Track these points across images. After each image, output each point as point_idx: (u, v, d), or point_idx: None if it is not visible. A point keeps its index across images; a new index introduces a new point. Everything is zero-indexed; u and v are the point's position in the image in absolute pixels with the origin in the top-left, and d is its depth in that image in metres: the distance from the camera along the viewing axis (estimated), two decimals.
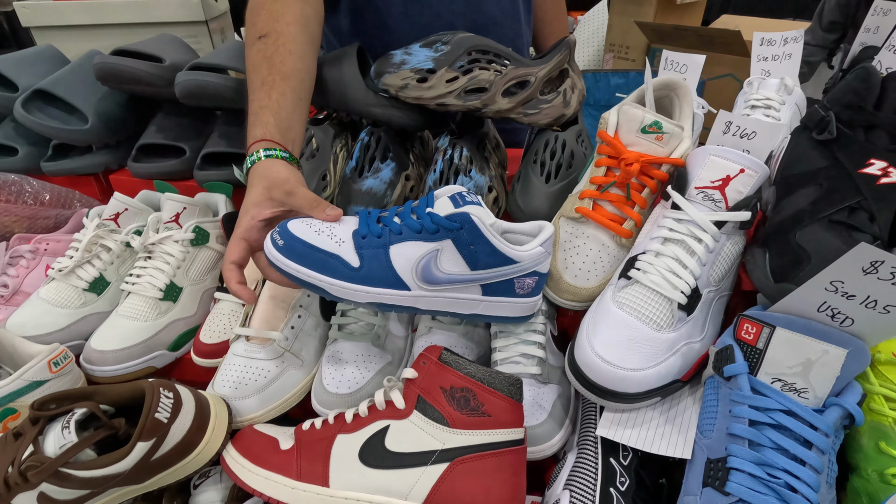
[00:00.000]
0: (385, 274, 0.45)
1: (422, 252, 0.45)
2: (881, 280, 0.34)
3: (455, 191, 0.48)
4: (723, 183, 0.48)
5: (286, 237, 0.45)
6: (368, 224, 0.47)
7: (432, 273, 0.46)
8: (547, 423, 0.49)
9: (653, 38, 2.38)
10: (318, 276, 0.45)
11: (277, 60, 0.57)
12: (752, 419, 0.38)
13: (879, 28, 0.72)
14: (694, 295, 0.46)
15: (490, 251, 0.46)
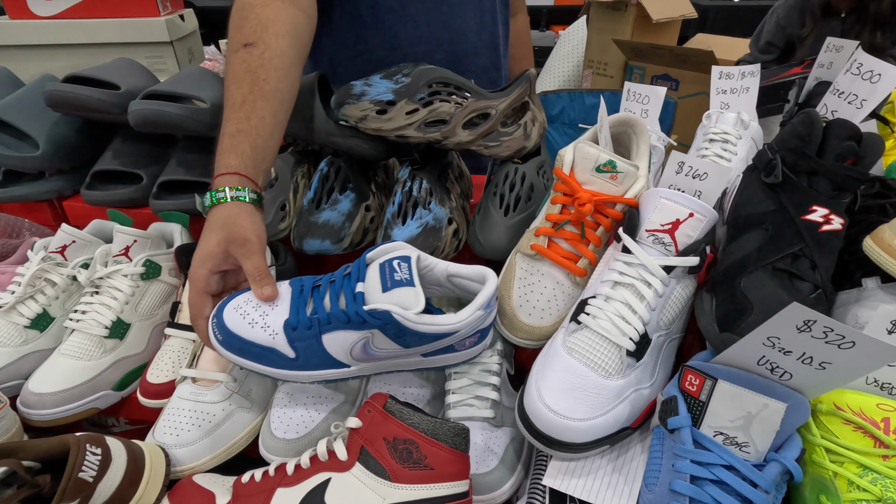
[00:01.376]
0: (321, 360, 0.47)
1: (354, 339, 0.45)
2: (815, 338, 0.34)
3: (389, 256, 0.46)
4: (672, 226, 0.48)
5: (223, 332, 0.47)
6: (298, 313, 0.46)
7: (368, 353, 0.47)
8: (498, 469, 0.48)
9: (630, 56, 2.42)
10: (258, 367, 0.47)
11: (262, 77, 0.55)
12: (694, 475, 0.37)
13: (833, 63, 0.74)
14: (642, 341, 0.46)
15: (420, 336, 0.45)
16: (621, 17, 2.48)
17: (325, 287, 0.48)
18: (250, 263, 0.50)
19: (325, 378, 0.49)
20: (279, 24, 0.57)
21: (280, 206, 0.69)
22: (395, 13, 0.78)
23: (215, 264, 0.50)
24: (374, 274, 0.45)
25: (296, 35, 0.59)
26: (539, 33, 4.22)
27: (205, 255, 0.50)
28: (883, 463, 0.38)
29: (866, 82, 0.53)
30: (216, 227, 0.50)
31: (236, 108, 0.53)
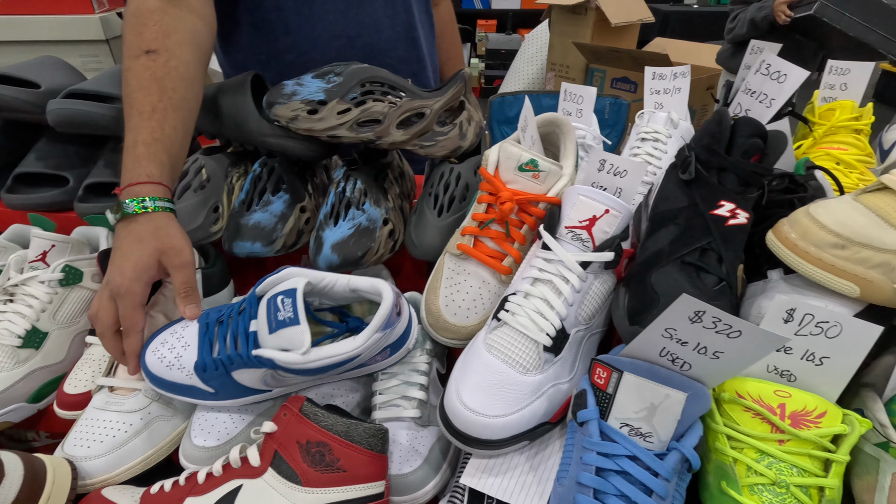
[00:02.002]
0: (240, 391, 0.48)
1: (260, 373, 0.46)
2: (706, 328, 0.35)
3: (274, 291, 0.45)
4: (590, 223, 0.48)
5: (148, 375, 0.49)
6: (203, 355, 0.47)
7: (278, 381, 0.47)
8: (421, 469, 0.48)
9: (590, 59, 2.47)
10: (187, 399, 0.49)
11: (170, 86, 0.54)
12: (600, 466, 0.38)
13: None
14: (560, 336, 0.46)
15: (315, 370, 0.45)
16: (581, 20, 2.53)
17: (226, 323, 0.47)
18: (182, 276, 0.50)
19: (250, 402, 0.50)
20: (181, 33, 0.57)
21: (212, 209, 0.67)
22: (302, 14, 0.77)
23: (151, 276, 0.50)
24: (263, 311, 0.45)
25: (197, 43, 0.59)
26: (505, 37, 4.27)
27: (141, 268, 0.49)
28: (779, 447, 0.39)
29: (774, 82, 0.55)
30: (147, 238, 0.50)
31: (147, 116, 0.52)
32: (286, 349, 0.43)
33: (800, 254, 0.42)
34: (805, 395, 0.40)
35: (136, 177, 0.51)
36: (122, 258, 0.49)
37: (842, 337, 0.39)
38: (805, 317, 0.40)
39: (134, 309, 0.49)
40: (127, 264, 0.49)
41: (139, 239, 0.50)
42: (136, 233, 0.50)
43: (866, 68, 0.72)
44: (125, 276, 0.48)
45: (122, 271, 0.48)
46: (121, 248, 0.50)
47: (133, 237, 0.50)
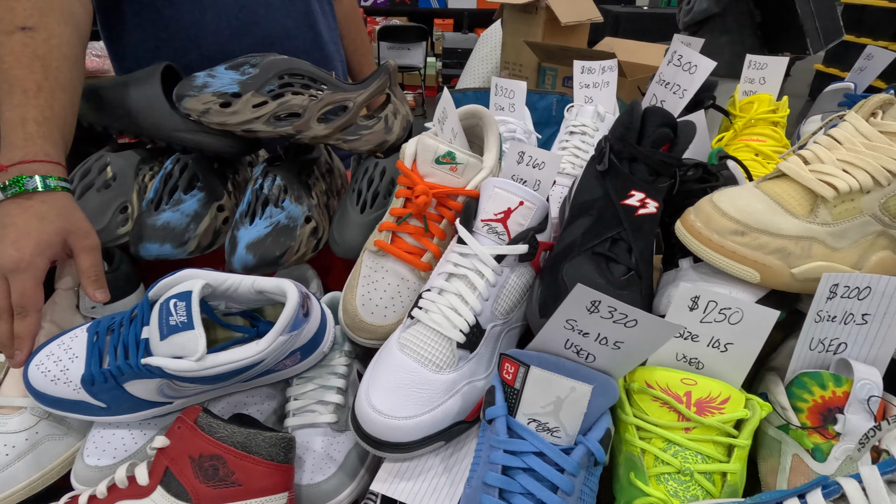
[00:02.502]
0: (134, 404, 0.45)
1: (154, 384, 0.43)
2: (603, 318, 0.35)
3: (168, 294, 0.42)
4: (505, 215, 0.47)
5: (31, 391, 0.45)
6: (91, 367, 0.43)
7: (177, 392, 0.44)
8: (335, 477, 0.46)
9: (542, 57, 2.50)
10: (76, 416, 0.46)
11: (53, 65, 0.51)
12: (506, 465, 0.37)
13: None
14: (474, 332, 0.45)
15: (214, 378, 0.42)
16: (532, 19, 2.56)
17: (116, 332, 0.44)
18: (91, 259, 0.49)
19: (151, 416, 0.47)
20: (58, 11, 0.53)
21: (119, 209, 0.63)
22: (192, 2, 0.74)
23: (54, 254, 0.48)
24: (155, 317, 0.41)
25: (75, 25, 0.56)
26: (462, 36, 4.28)
27: (44, 244, 0.46)
28: (685, 435, 0.39)
29: (686, 73, 0.56)
30: (50, 216, 0.47)
31: (33, 94, 0.49)
32: (179, 356, 0.40)
33: (703, 241, 0.42)
34: (710, 382, 0.40)
35: (32, 154, 0.48)
36: (17, 234, 0.46)
37: (743, 323, 0.40)
38: (709, 304, 0.40)
39: (36, 285, 0.46)
40: (26, 240, 0.46)
41: (40, 216, 0.47)
42: (35, 210, 0.47)
43: (781, 63, 0.75)
44: (24, 251, 0.45)
45: (20, 246, 0.45)
46: (15, 224, 0.47)
47: (32, 214, 0.47)
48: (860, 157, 0.40)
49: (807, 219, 0.40)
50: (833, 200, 0.40)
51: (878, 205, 0.40)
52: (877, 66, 0.81)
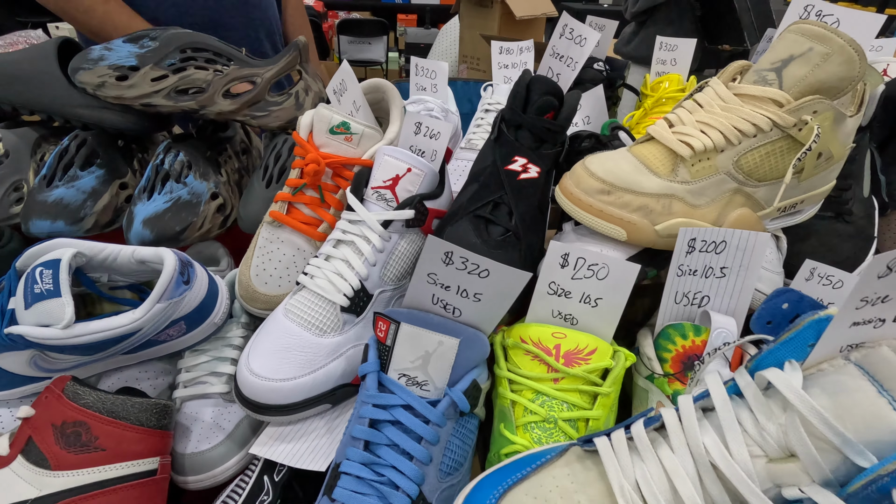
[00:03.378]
0: (8, 379, 0.43)
1: (24, 357, 0.41)
2: (459, 270, 0.36)
3: (35, 263, 0.41)
4: (393, 182, 0.48)
5: None
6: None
7: (51, 364, 0.43)
8: (222, 445, 0.45)
9: None
10: None
11: None
12: (374, 418, 0.37)
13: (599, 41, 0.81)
14: (360, 297, 0.45)
15: (85, 347, 0.40)
16: (488, 13, 2.57)
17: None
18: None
19: (29, 393, 0.45)
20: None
21: (12, 187, 0.60)
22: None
23: None
24: (21, 286, 0.40)
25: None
26: (424, 31, 4.28)
27: None
28: (553, 386, 0.40)
29: (577, 45, 0.58)
30: None
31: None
32: (45, 324, 0.39)
33: (574, 201, 0.43)
34: (579, 335, 0.41)
35: None
36: None
37: (609, 278, 0.42)
38: (578, 261, 0.42)
39: None
40: None
41: None
42: None
43: (690, 44, 0.78)
44: None
45: None
46: None
47: None
48: (715, 118, 0.42)
49: (668, 178, 0.42)
50: (690, 159, 0.42)
51: (732, 163, 0.42)
52: None
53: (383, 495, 0.35)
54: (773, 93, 0.40)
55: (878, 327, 0.27)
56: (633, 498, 0.28)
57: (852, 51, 0.38)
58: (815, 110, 0.40)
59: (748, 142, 0.41)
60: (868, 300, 0.25)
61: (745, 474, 0.27)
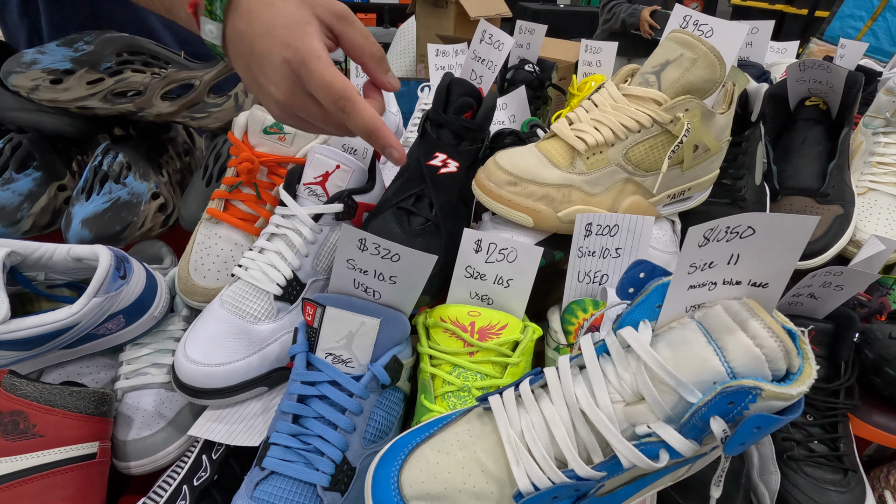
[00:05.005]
0: None
1: None
2: (373, 255, 0.40)
3: None
4: (323, 178, 0.51)
5: None
6: None
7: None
8: (164, 432, 0.48)
9: None
10: None
11: None
12: (302, 394, 0.41)
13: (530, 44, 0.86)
14: (293, 286, 0.48)
15: (20, 342, 0.42)
16: (443, 13, 2.62)
17: None
18: (357, 26, 0.38)
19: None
20: None
21: None
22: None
23: (315, 30, 0.35)
24: None
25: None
26: (383, 30, 4.29)
27: (298, 21, 0.34)
28: (469, 359, 0.45)
29: (496, 49, 0.63)
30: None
31: None
32: None
33: (486, 192, 0.48)
34: (492, 313, 0.46)
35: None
36: (262, 55, 0.34)
37: (518, 260, 0.46)
38: (490, 245, 0.46)
39: (328, 64, 0.34)
40: (274, 40, 0.34)
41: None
42: (252, 11, 0.35)
43: (612, 47, 0.85)
44: (289, 41, 0.34)
45: (283, 41, 0.33)
46: (252, 51, 0.35)
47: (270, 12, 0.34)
48: (606, 116, 0.47)
49: (567, 170, 0.48)
50: (585, 153, 0.47)
51: (622, 155, 0.47)
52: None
53: (309, 461, 0.38)
54: (653, 93, 0.46)
55: (712, 290, 0.32)
56: (518, 444, 0.33)
57: (713, 57, 0.44)
58: (686, 108, 0.45)
59: (634, 136, 0.47)
60: (696, 266, 0.31)
61: (607, 418, 0.32)
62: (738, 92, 0.50)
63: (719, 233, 0.29)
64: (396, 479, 0.34)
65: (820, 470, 0.47)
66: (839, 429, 0.49)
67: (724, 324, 0.31)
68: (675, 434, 0.30)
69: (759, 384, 0.27)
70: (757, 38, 0.88)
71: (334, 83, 0.34)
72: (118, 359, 0.52)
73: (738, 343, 0.30)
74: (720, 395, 0.28)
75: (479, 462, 0.34)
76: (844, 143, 0.69)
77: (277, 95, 0.36)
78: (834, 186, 0.67)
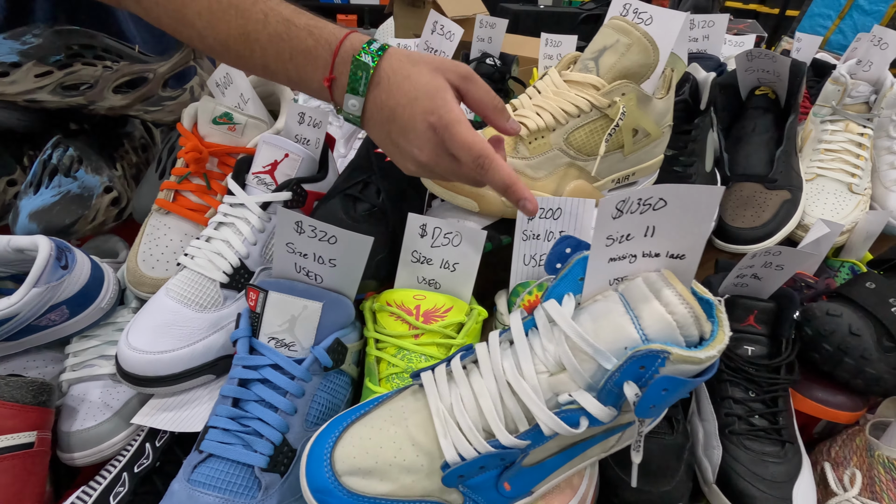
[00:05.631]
0: None
1: None
2: (311, 238, 0.40)
3: None
4: (272, 167, 0.51)
5: None
6: None
7: None
8: (109, 422, 0.47)
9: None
10: None
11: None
12: (243, 378, 0.41)
13: (491, 38, 0.87)
14: (240, 273, 0.49)
15: None
16: (420, 13, 2.62)
17: None
18: (480, 84, 0.40)
19: None
20: None
21: None
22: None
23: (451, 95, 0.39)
24: None
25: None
26: (363, 31, 4.29)
27: (434, 87, 0.37)
28: (414, 342, 0.45)
29: (447, 40, 0.64)
30: (409, 60, 0.39)
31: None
32: None
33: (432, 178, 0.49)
34: (437, 296, 0.47)
35: (338, 32, 0.40)
36: (405, 124, 0.38)
37: (463, 244, 0.47)
38: (434, 230, 0.47)
39: (471, 131, 0.38)
40: (417, 109, 0.37)
41: (406, 59, 0.39)
42: (395, 68, 0.38)
43: (572, 40, 0.86)
44: (433, 109, 0.37)
45: (427, 109, 0.37)
46: (394, 118, 0.38)
47: (410, 63, 0.38)
48: (548, 102, 0.48)
49: (511, 154, 0.48)
50: (528, 138, 0.48)
51: (563, 140, 0.48)
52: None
53: (247, 443, 0.38)
54: (592, 78, 0.47)
55: (632, 262, 0.33)
56: (447, 417, 0.33)
57: (647, 42, 0.46)
58: (623, 92, 0.47)
59: (574, 121, 0.48)
60: (613, 238, 0.32)
61: (531, 388, 0.32)
62: (676, 78, 0.52)
63: (632, 205, 0.30)
64: (329, 456, 0.34)
65: (759, 443, 0.48)
66: (779, 403, 0.50)
67: (641, 294, 0.32)
68: (594, 401, 0.31)
69: (666, 347, 0.28)
70: (713, 31, 0.90)
71: (475, 144, 0.37)
72: (65, 351, 0.51)
73: (651, 311, 0.30)
74: (631, 359, 0.29)
75: (410, 436, 0.34)
76: (791, 130, 0.71)
77: (420, 157, 0.39)
78: (781, 172, 0.69)
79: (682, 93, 0.66)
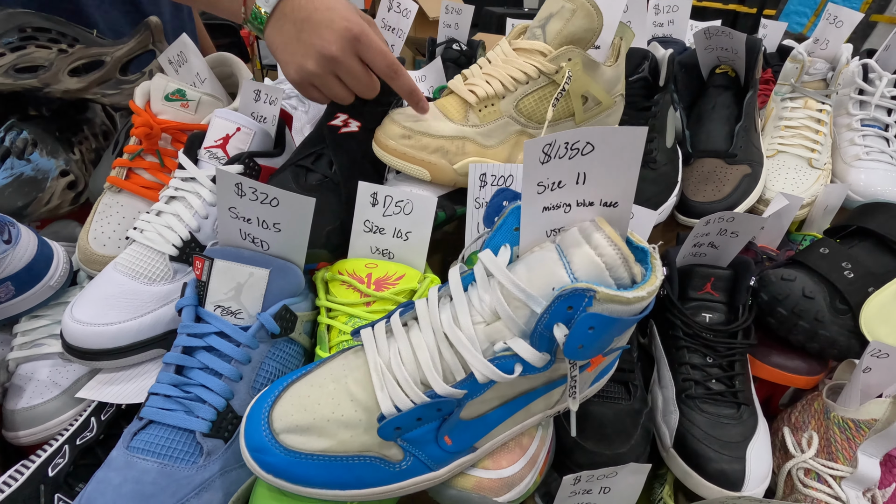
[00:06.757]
0: None
1: None
2: (252, 201, 0.39)
3: None
4: (224, 141, 0.51)
5: None
6: None
7: None
8: (56, 400, 0.46)
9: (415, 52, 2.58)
10: None
11: None
12: (188, 346, 0.40)
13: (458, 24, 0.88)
14: (190, 247, 0.48)
15: None
16: None
17: None
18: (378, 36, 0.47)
19: None
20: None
21: None
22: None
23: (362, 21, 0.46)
24: None
25: None
26: None
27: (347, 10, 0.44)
28: (365, 309, 0.45)
29: (404, 18, 0.64)
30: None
31: None
32: None
33: (382, 147, 0.48)
34: (389, 265, 0.46)
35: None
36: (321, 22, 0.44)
37: (414, 212, 0.47)
38: (385, 199, 0.47)
39: (383, 42, 0.46)
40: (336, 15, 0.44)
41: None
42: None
43: None
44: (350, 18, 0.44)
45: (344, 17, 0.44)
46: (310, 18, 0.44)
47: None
48: (497, 70, 0.49)
49: (460, 122, 0.48)
50: (477, 105, 0.48)
51: (513, 107, 0.49)
52: None
53: (189, 409, 0.38)
54: (539, 45, 0.48)
55: (567, 212, 0.33)
56: (384, 371, 0.33)
57: (590, 7, 0.46)
58: (569, 58, 0.47)
59: (523, 88, 0.48)
60: (545, 185, 0.32)
61: (466, 338, 0.32)
62: (625, 47, 0.52)
63: (559, 149, 0.30)
64: (268, 415, 0.34)
65: (715, 406, 0.48)
66: (735, 367, 0.50)
67: (574, 240, 0.32)
68: (527, 346, 0.31)
69: (591, 286, 0.28)
70: (678, 16, 0.91)
71: (389, 53, 0.45)
72: (13, 331, 0.50)
73: (581, 254, 0.30)
74: (558, 299, 0.29)
75: (348, 392, 0.34)
76: (749, 105, 0.72)
77: (328, 49, 0.44)
78: (741, 147, 0.70)
79: (642, 70, 0.67)
